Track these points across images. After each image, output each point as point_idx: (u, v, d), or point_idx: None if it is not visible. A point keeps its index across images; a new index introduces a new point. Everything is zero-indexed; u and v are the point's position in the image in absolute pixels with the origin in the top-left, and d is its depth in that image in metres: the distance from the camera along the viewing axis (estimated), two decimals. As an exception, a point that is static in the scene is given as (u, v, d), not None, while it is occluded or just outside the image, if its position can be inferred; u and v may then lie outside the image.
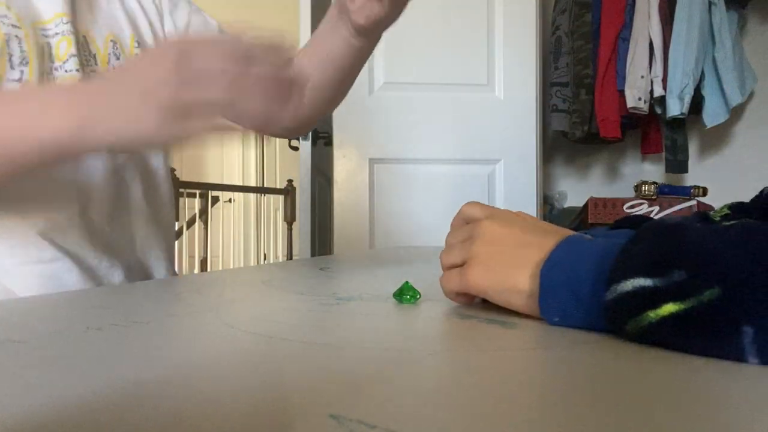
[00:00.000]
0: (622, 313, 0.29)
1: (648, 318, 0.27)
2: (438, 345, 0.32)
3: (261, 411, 0.20)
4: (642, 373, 0.25)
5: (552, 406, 0.21)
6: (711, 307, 0.25)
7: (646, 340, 0.28)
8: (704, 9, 1.93)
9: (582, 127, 2.08)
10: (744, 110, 2.21)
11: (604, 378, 0.25)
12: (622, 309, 0.29)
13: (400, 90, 1.91)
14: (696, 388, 0.23)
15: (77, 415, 0.20)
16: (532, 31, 1.94)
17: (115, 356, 0.28)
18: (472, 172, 1.93)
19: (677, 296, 0.26)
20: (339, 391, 0.23)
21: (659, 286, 0.27)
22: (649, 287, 0.27)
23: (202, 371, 0.26)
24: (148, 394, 0.22)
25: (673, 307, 0.26)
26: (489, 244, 0.38)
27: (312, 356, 0.28)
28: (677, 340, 0.27)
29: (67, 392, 0.22)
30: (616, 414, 0.20)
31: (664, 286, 0.27)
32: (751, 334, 0.24)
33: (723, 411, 0.21)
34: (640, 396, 0.22)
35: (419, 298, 0.45)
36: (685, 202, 1.85)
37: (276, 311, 0.41)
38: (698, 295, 0.25)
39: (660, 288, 0.27)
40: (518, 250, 0.36)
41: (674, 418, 0.20)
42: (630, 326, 0.28)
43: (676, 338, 0.27)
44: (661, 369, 0.26)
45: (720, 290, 0.25)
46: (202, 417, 0.20)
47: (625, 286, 0.28)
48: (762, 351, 0.24)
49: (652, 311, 0.27)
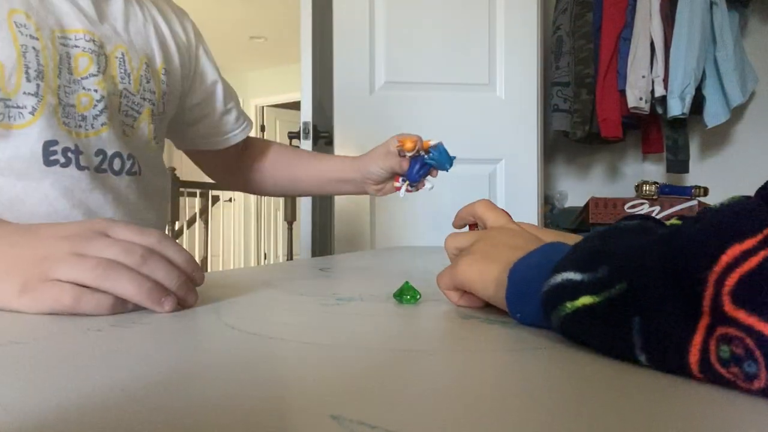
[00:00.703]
0: (548, 305, 0.29)
1: (565, 309, 0.28)
2: (438, 345, 0.32)
3: (261, 411, 0.20)
4: (642, 374, 0.25)
5: (552, 406, 0.21)
6: (615, 300, 0.25)
7: (564, 332, 0.29)
8: (706, 9, 1.93)
9: (583, 127, 2.08)
10: (745, 110, 2.21)
11: (605, 378, 0.25)
12: (548, 300, 0.29)
13: (401, 89, 1.91)
14: (697, 390, 0.23)
15: (77, 416, 0.20)
16: (533, 31, 1.94)
17: (115, 357, 0.28)
18: (472, 171, 1.93)
19: (594, 290, 0.26)
20: (339, 391, 0.23)
21: (584, 280, 0.27)
22: (575, 280, 0.28)
23: (202, 371, 0.26)
24: (148, 395, 0.22)
25: (588, 299, 0.27)
26: (487, 245, 0.41)
27: (312, 356, 0.28)
28: (582, 332, 0.28)
29: (67, 392, 0.22)
30: (616, 414, 0.20)
31: (588, 280, 0.27)
32: (638, 323, 0.24)
33: (723, 412, 0.21)
34: (640, 396, 0.22)
35: (419, 298, 0.45)
36: (686, 202, 1.85)
37: (276, 311, 0.41)
38: (610, 289, 0.26)
39: (584, 282, 0.27)
40: (506, 250, 0.38)
41: (675, 418, 0.20)
42: (553, 317, 0.29)
43: (582, 330, 0.28)
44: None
45: (626, 284, 0.25)
46: (202, 417, 0.20)
47: (556, 279, 0.29)
48: (647, 341, 0.24)
49: (570, 302, 0.27)
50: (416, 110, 1.90)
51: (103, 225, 0.41)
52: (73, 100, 0.61)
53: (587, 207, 1.99)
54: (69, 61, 0.61)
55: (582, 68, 2.07)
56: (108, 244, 0.39)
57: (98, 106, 0.64)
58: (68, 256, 0.38)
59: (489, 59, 1.93)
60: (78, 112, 0.62)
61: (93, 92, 0.63)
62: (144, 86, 0.70)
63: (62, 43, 0.61)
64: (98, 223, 0.41)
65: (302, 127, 2.00)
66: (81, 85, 0.62)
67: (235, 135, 0.91)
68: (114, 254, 0.38)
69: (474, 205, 0.51)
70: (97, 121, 0.64)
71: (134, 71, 0.68)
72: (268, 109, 6.13)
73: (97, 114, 0.64)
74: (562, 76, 2.12)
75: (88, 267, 0.37)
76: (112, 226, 0.41)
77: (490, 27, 1.93)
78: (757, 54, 2.16)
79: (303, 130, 2.00)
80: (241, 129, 0.92)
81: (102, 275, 0.37)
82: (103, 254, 0.38)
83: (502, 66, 1.93)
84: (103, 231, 0.41)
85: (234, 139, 0.91)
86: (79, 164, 0.62)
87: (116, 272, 0.37)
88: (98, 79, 0.63)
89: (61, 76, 0.60)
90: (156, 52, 0.73)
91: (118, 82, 0.66)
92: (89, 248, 0.39)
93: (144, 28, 0.72)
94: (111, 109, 0.65)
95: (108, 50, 0.65)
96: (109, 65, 0.65)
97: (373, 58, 1.90)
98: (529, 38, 1.94)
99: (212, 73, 0.86)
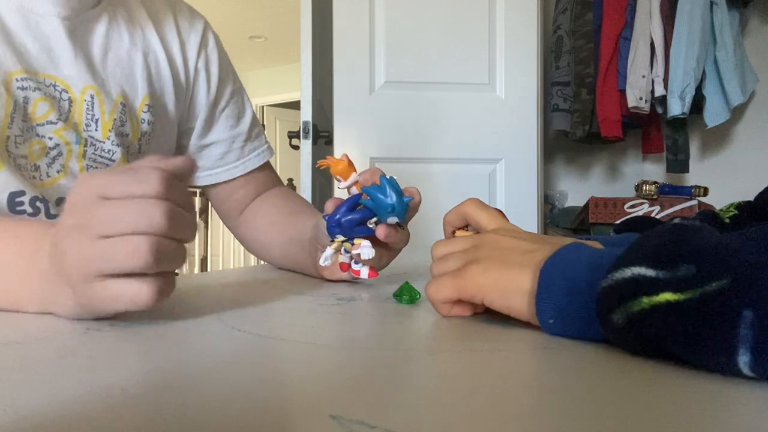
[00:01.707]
0: (612, 299, 0.27)
1: (641, 304, 0.26)
2: (438, 345, 0.32)
3: (261, 411, 0.20)
4: (643, 374, 0.25)
5: (552, 406, 0.21)
6: (715, 296, 0.24)
7: (629, 330, 0.27)
8: (706, 9, 1.93)
9: (583, 127, 2.08)
10: (745, 110, 2.21)
11: (605, 378, 0.25)
12: (614, 294, 0.27)
13: (401, 89, 1.91)
14: (698, 392, 0.23)
15: (77, 416, 0.20)
16: (533, 31, 1.94)
17: (115, 357, 0.28)
18: (472, 171, 1.93)
19: (679, 287, 0.25)
20: (339, 391, 0.23)
21: (661, 277, 0.26)
22: (649, 276, 0.26)
23: (201, 371, 0.26)
24: (147, 395, 0.22)
25: (671, 296, 0.25)
26: (493, 249, 0.38)
27: (312, 356, 0.28)
28: (661, 329, 0.26)
29: (67, 392, 0.22)
30: (616, 414, 0.20)
31: (666, 277, 0.26)
32: (749, 318, 0.23)
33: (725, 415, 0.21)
34: (640, 396, 0.22)
35: (419, 299, 0.45)
36: (686, 202, 1.85)
37: (276, 311, 0.41)
38: (704, 286, 0.24)
39: (661, 279, 0.26)
40: (520, 255, 0.36)
41: (675, 420, 0.20)
42: (617, 314, 0.27)
43: (662, 327, 0.26)
44: (662, 370, 0.26)
45: (729, 280, 0.24)
46: (202, 417, 0.20)
47: (623, 273, 0.27)
48: (757, 340, 0.23)
49: (647, 297, 0.26)
50: (416, 110, 1.91)
51: (94, 186, 0.35)
52: (24, 151, 0.56)
53: (587, 207, 1.99)
54: (26, 106, 0.56)
55: (582, 68, 2.07)
56: (113, 212, 0.34)
57: (51, 153, 0.58)
58: (93, 244, 0.33)
59: (489, 59, 1.93)
60: (30, 162, 0.57)
61: (47, 140, 0.58)
62: (117, 130, 0.62)
63: (20, 87, 0.55)
64: (87, 187, 0.36)
65: (302, 127, 2.00)
66: (35, 131, 0.57)
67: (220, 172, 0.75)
68: (127, 224, 0.33)
69: (463, 206, 0.46)
70: (51, 169, 0.58)
71: (105, 115, 0.61)
72: (268, 109, 6.13)
73: (50, 162, 0.58)
74: (562, 75, 2.12)
75: (114, 255, 0.33)
76: (104, 184, 0.35)
77: (490, 27, 1.93)
78: (757, 54, 2.16)
79: (303, 130, 2.00)
80: (236, 164, 0.75)
81: (150, 261, 0.33)
82: (114, 228, 0.33)
83: (502, 66, 1.93)
84: (98, 193, 0.35)
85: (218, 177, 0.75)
86: (49, 213, 0.58)
87: (160, 252, 0.33)
88: (56, 127, 0.58)
89: (13, 125, 0.55)
90: (139, 85, 0.64)
91: (82, 130, 0.60)
92: (97, 226, 0.34)
93: (128, 56, 0.64)
94: (68, 156, 0.59)
95: (75, 93, 0.59)
96: (73, 111, 0.59)
97: (373, 58, 1.90)
98: (529, 38, 1.94)
99: (226, 91, 0.75)
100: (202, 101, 0.72)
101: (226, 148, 0.74)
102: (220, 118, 0.74)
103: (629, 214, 1.90)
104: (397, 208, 0.47)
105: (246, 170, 0.75)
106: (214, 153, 0.74)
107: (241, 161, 0.75)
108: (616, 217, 1.91)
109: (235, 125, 0.75)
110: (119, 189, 0.35)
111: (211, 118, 0.73)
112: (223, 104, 0.74)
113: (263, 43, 5.24)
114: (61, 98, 0.58)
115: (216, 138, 0.74)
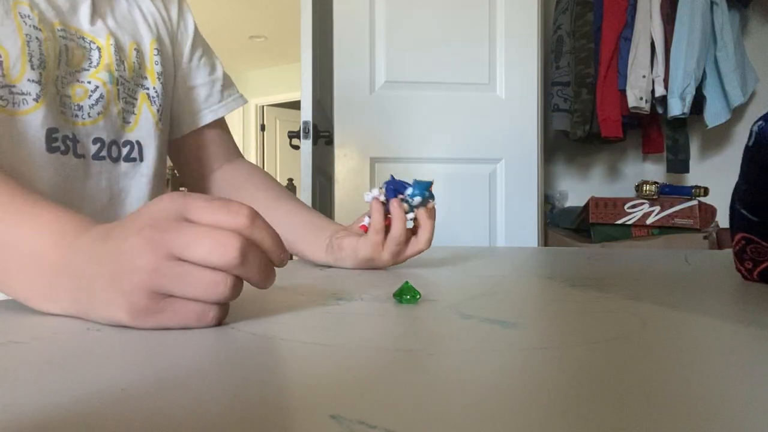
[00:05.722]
0: None
1: None
2: (438, 345, 0.32)
3: (261, 411, 0.20)
4: (643, 374, 0.25)
5: (552, 406, 0.21)
6: None
7: None
8: (706, 9, 1.93)
9: (583, 127, 2.08)
10: (745, 110, 2.21)
11: (605, 378, 0.25)
12: None
13: (402, 89, 1.91)
14: (700, 389, 0.23)
15: (77, 416, 0.20)
16: (533, 31, 1.94)
17: (115, 357, 0.28)
18: (473, 171, 1.93)
19: None
20: (339, 391, 0.23)
21: None
22: None
23: (201, 371, 0.26)
24: (147, 395, 0.22)
25: None
26: None
27: (312, 356, 0.28)
28: None
29: (67, 392, 0.22)
30: (617, 414, 0.20)
31: None
32: None
33: (724, 414, 0.21)
34: (641, 396, 0.22)
35: (419, 298, 0.45)
36: (686, 202, 1.85)
37: (276, 311, 0.41)
38: None
39: None
40: None
41: (677, 418, 0.20)
42: None
43: None
44: (663, 370, 0.26)
45: None
46: (201, 417, 0.20)
47: None
48: None
49: None
50: (416, 110, 1.91)
51: (179, 205, 0.35)
52: (68, 91, 0.63)
53: (587, 207, 1.99)
54: (66, 53, 0.63)
55: (582, 68, 2.07)
56: (195, 236, 0.33)
57: (93, 95, 0.66)
58: (170, 264, 0.33)
59: (489, 59, 1.93)
60: (74, 102, 0.64)
61: (87, 84, 0.65)
62: (136, 71, 0.71)
63: (61, 35, 0.63)
64: (173, 203, 0.35)
65: (302, 127, 2.00)
66: (76, 77, 0.64)
67: (206, 114, 0.81)
68: (207, 252, 0.33)
69: None
70: (93, 110, 0.66)
71: (127, 59, 0.70)
72: (268, 109, 6.13)
73: (93, 104, 0.66)
74: (563, 75, 2.12)
75: (191, 282, 0.33)
76: (191, 205, 0.35)
77: (490, 27, 1.93)
78: (757, 54, 2.16)
79: (303, 130, 2.00)
80: (219, 105, 0.82)
81: (210, 291, 0.33)
82: (193, 253, 0.33)
83: (502, 66, 1.93)
84: (182, 213, 0.35)
85: (203, 119, 0.81)
86: (76, 152, 0.64)
87: (223, 286, 0.33)
88: (91, 72, 0.66)
89: (60, 67, 0.62)
90: (144, 32, 0.73)
91: (114, 70, 0.67)
92: (176, 246, 0.33)
93: (129, 13, 0.73)
94: (108, 98, 0.67)
95: (102, 42, 0.67)
96: (102, 57, 0.67)
97: (373, 58, 1.90)
98: (529, 38, 1.94)
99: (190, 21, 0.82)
100: (186, 50, 0.81)
101: (208, 91, 0.83)
102: (199, 65, 0.83)
103: (629, 214, 1.90)
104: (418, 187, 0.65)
105: (228, 110, 0.84)
106: (199, 95, 0.82)
107: (222, 103, 0.84)
108: (616, 217, 1.91)
109: (212, 72, 0.84)
110: (207, 216, 0.35)
111: (189, 64, 0.82)
112: (200, 53, 0.83)
113: (263, 43, 5.24)
114: (91, 48, 0.66)
115: (199, 82, 0.83)
